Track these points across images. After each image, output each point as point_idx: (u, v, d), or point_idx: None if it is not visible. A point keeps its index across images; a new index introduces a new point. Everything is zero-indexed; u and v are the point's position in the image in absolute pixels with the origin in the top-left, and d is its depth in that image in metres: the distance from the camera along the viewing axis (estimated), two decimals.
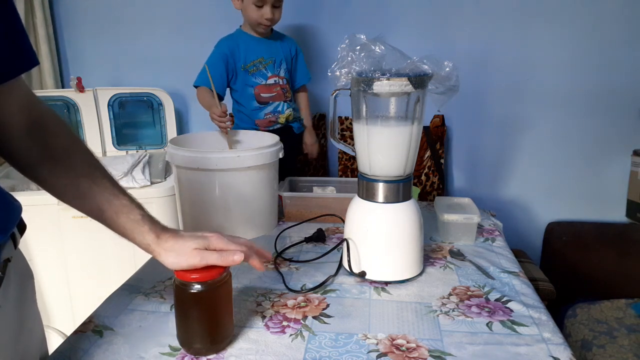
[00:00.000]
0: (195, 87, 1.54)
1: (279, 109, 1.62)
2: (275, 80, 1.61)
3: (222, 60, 1.55)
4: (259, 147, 1.15)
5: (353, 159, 1.84)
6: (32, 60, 0.60)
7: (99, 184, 0.67)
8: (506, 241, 1.18)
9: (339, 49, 0.87)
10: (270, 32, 1.62)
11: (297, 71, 1.70)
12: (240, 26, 1.62)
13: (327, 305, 0.86)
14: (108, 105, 1.92)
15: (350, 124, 1.02)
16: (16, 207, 0.61)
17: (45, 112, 0.66)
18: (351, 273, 0.95)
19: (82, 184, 0.66)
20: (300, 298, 0.88)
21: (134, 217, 0.67)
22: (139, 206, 0.69)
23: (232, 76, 1.58)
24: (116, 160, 1.78)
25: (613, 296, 1.69)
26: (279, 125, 1.63)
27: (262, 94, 1.59)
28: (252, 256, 0.71)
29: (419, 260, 0.96)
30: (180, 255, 0.67)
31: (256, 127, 1.61)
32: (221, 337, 0.72)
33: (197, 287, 0.67)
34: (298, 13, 1.90)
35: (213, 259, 0.68)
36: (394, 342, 0.74)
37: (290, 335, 0.77)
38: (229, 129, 1.35)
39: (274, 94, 1.61)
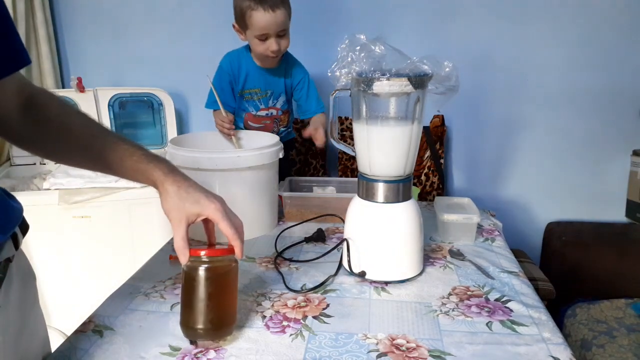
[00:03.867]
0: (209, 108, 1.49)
1: None
2: (266, 113, 1.52)
3: (226, 79, 1.47)
4: (259, 147, 1.15)
5: (353, 159, 1.84)
6: (23, 60, 0.60)
7: (96, 139, 0.70)
8: (506, 241, 1.18)
9: (339, 49, 0.87)
10: (277, 62, 1.48)
11: (307, 102, 1.54)
12: (248, 45, 1.46)
13: (327, 305, 0.86)
14: (108, 105, 1.92)
15: (350, 124, 1.02)
16: (16, 209, 0.62)
17: (34, 89, 0.69)
18: (351, 273, 0.96)
19: (80, 144, 0.70)
20: (300, 298, 0.88)
21: (137, 159, 0.71)
22: (140, 148, 0.73)
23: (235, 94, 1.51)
24: None
25: (613, 296, 1.69)
26: None
27: (249, 122, 1.52)
28: (236, 242, 0.74)
29: (418, 260, 0.96)
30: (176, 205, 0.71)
31: None
32: (223, 322, 0.73)
33: (206, 264, 0.71)
34: (298, 13, 1.89)
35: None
36: (393, 342, 0.75)
37: (291, 335, 0.77)
38: (233, 132, 1.35)
39: (261, 125, 1.53)
